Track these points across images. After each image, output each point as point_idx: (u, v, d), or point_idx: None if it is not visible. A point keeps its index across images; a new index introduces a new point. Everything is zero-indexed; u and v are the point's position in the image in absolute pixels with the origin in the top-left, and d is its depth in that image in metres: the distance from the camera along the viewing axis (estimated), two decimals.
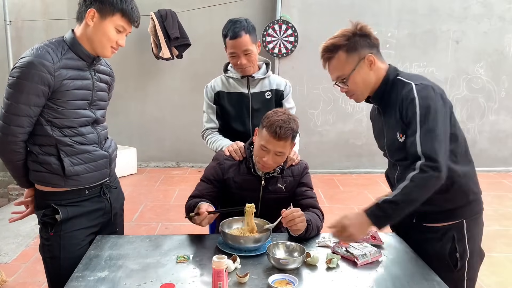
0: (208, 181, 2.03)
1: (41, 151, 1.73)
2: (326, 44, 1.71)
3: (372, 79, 1.71)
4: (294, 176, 2.06)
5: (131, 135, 5.78)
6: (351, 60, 1.68)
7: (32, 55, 1.63)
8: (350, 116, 5.62)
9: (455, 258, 1.71)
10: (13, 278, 3.03)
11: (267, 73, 2.34)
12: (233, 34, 2.15)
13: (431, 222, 1.74)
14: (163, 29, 5.07)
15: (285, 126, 1.84)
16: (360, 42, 1.68)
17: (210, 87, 2.37)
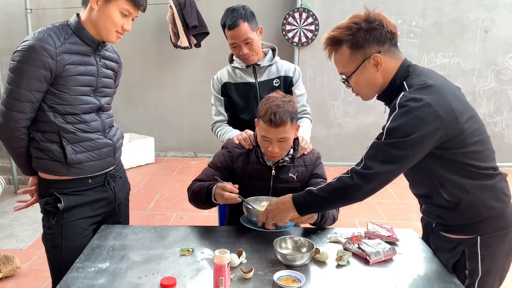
0: (216, 168, 1.97)
1: (43, 138, 1.69)
2: (329, 36, 1.52)
3: (379, 80, 1.51)
4: (306, 166, 1.98)
5: (149, 125, 5.77)
6: (354, 58, 1.48)
7: (33, 38, 1.59)
8: (371, 108, 5.46)
9: (464, 275, 1.52)
10: (27, 264, 3.06)
11: (273, 59, 2.25)
12: (231, 24, 2.07)
13: (444, 232, 1.58)
14: (182, 17, 5.01)
15: (279, 111, 1.75)
16: (366, 37, 1.45)
17: (216, 79, 2.31)
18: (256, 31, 2.15)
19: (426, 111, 1.35)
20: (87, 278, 1.45)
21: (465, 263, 1.51)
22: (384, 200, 4.40)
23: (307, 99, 2.40)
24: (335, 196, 1.52)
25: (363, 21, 1.47)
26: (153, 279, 1.45)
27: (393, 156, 1.41)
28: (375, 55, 1.47)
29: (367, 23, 1.46)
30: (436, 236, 1.64)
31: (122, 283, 1.43)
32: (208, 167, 2.00)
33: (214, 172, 1.95)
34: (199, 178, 1.96)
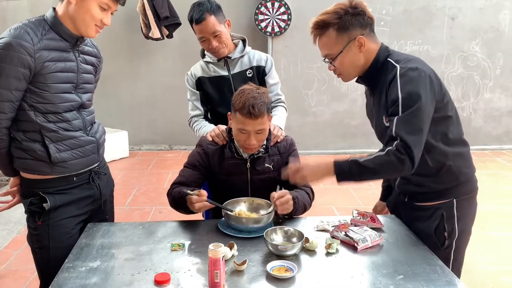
0: (193, 167, 1.95)
1: (25, 137, 1.64)
2: (316, 20, 1.64)
3: (361, 61, 1.66)
4: (281, 154, 2.00)
5: (122, 118, 5.67)
6: (341, 40, 1.62)
7: (10, 35, 1.53)
8: (344, 96, 5.55)
9: (443, 237, 1.69)
10: (4, 266, 2.98)
11: (244, 50, 2.25)
12: (198, 18, 2.06)
13: (422, 202, 1.74)
14: (152, 8, 4.92)
15: (257, 102, 1.76)
16: (352, 21, 1.61)
17: (190, 74, 2.29)
18: (224, 23, 2.14)
19: (423, 76, 1.54)
20: (79, 278, 1.44)
21: (444, 225, 1.69)
22: (359, 186, 4.49)
23: (281, 88, 2.42)
24: (386, 168, 1.57)
25: (349, 7, 1.62)
26: (147, 276, 1.45)
27: (418, 123, 1.52)
28: (359, 36, 1.61)
29: (352, 8, 1.61)
30: (409, 209, 1.79)
31: (115, 281, 1.42)
32: (184, 167, 1.98)
33: (191, 172, 1.94)
34: (178, 181, 1.94)
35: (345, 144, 5.69)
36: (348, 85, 5.51)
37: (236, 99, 1.82)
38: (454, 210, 1.68)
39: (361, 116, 5.61)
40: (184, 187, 1.86)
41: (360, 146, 5.68)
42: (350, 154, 6.01)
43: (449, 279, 1.45)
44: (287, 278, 1.44)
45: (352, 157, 1.63)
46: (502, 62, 5.58)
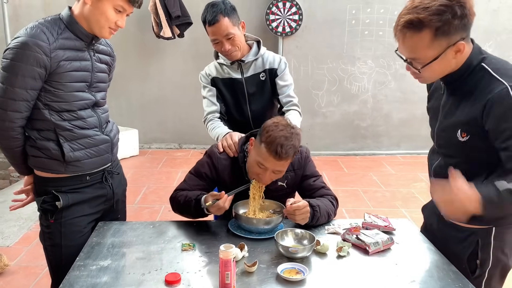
0: (199, 177, 1.90)
1: (39, 136, 1.65)
2: (410, 18, 1.31)
3: (453, 66, 1.40)
4: (295, 170, 1.91)
5: (132, 116, 5.69)
6: (437, 45, 1.33)
7: (26, 35, 1.54)
8: (355, 97, 5.52)
9: (475, 265, 1.54)
10: (15, 262, 3.00)
11: (258, 53, 2.20)
12: (211, 20, 2.00)
13: (458, 221, 1.54)
14: (164, 7, 4.93)
15: (287, 144, 1.65)
16: (456, 25, 1.30)
17: (205, 74, 2.26)
18: (238, 25, 2.09)
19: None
20: (90, 276, 1.44)
21: (477, 252, 1.52)
22: (369, 188, 4.48)
23: None
24: None
25: (457, 5, 1.30)
26: (157, 276, 1.45)
27: None
28: (460, 42, 1.34)
29: (461, 8, 1.30)
30: (443, 224, 1.62)
31: (126, 280, 1.43)
32: (190, 174, 1.93)
33: (197, 181, 1.89)
34: (182, 187, 1.90)
35: (355, 145, 5.66)
36: (359, 86, 5.48)
37: (266, 129, 1.70)
38: (491, 238, 1.50)
39: (372, 117, 5.61)
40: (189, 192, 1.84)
41: (370, 147, 5.65)
42: (360, 155, 6.00)
43: (462, 285, 1.43)
44: (297, 281, 1.43)
45: (496, 183, 1.30)
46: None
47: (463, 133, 1.43)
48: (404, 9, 1.36)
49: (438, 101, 1.57)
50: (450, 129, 1.47)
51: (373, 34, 5.25)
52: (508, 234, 1.51)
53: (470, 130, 1.41)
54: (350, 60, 5.37)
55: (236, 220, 1.79)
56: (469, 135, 1.41)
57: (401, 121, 5.57)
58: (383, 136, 5.64)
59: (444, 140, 1.53)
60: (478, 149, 1.42)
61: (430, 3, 1.30)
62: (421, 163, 5.30)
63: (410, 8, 1.33)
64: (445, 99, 1.52)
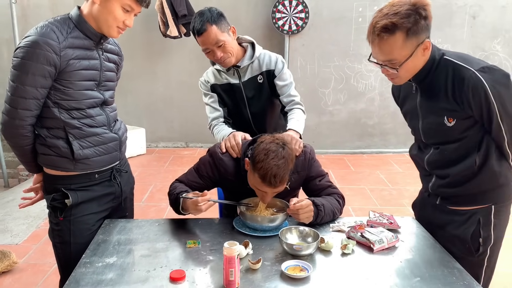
0: (199, 175, 1.91)
1: (49, 134, 1.67)
2: (385, 23, 1.46)
3: (422, 63, 1.56)
4: (299, 172, 1.89)
5: (139, 116, 5.73)
6: (409, 45, 1.48)
7: (36, 34, 1.56)
8: (362, 95, 5.51)
9: (478, 243, 1.63)
10: (24, 259, 3.04)
11: (254, 55, 2.15)
12: (199, 29, 1.97)
13: (457, 205, 1.67)
14: (171, 6, 4.95)
15: (279, 173, 1.63)
16: (422, 25, 1.47)
17: (203, 81, 2.25)
18: (228, 31, 2.04)
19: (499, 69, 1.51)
20: (96, 273, 1.46)
21: (479, 231, 1.62)
22: (376, 186, 4.46)
23: (298, 87, 2.30)
24: None
25: (421, 8, 1.46)
26: (162, 273, 1.46)
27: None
28: (426, 40, 1.50)
29: (424, 10, 1.47)
30: (441, 212, 1.73)
31: (131, 277, 1.44)
32: (192, 170, 1.94)
33: (196, 179, 1.90)
34: (180, 179, 1.92)
35: (362, 143, 5.64)
36: (366, 84, 5.46)
37: (258, 159, 1.65)
38: (491, 216, 1.62)
39: (379, 115, 5.59)
40: (184, 186, 1.86)
41: (377, 145, 5.63)
42: (367, 154, 6.03)
43: (467, 282, 1.42)
44: (301, 278, 1.43)
45: None
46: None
47: (449, 118, 1.56)
48: (375, 17, 1.50)
49: (413, 101, 1.70)
50: (435, 120, 1.60)
51: None
52: (504, 211, 1.65)
53: (455, 115, 1.55)
54: (357, 58, 5.36)
55: (240, 218, 1.79)
56: (455, 119, 1.55)
57: None
58: (390, 134, 5.62)
59: (432, 131, 1.65)
60: (465, 129, 1.56)
61: (398, 9, 1.46)
62: None
63: (381, 16, 1.48)
64: (419, 97, 1.65)
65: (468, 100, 1.49)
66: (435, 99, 1.59)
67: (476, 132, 1.57)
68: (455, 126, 1.56)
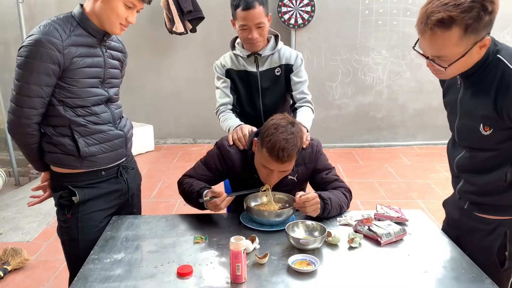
0: (208, 168, 1.93)
1: (55, 132, 1.69)
2: (442, 16, 1.26)
3: (474, 61, 1.38)
4: (306, 164, 1.91)
5: (147, 112, 5.75)
6: (465, 42, 1.29)
7: (39, 32, 1.57)
8: (369, 88, 5.46)
9: (503, 257, 1.50)
10: (35, 256, 3.08)
11: (276, 47, 2.18)
12: (246, 5, 1.97)
13: (484, 213, 1.53)
14: (176, 2, 4.94)
15: (288, 147, 1.63)
16: (485, 21, 1.26)
17: (220, 64, 2.24)
18: (267, 17, 2.07)
19: None
20: (104, 269, 1.47)
21: (506, 244, 1.49)
22: (385, 180, 4.44)
23: None
24: None
25: (488, 1, 1.26)
26: (169, 268, 1.47)
27: None
28: (487, 38, 1.31)
29: (491, 4, 1.26)
30: (468, 217, 1.60)
31: (139, 273, 1.45)
32: (200, 163, 1.96)
33: (205, 172, 1.92)
34: (190, 174, 1.94)
35: (370, 137, 5.61)
36: (374, 77, 5.42)
37: (267, 133, 1.68)
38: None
39: (387, 108, 5.55)
40: (197, 182, 1.87)
41: (385, 139, 5.60)
42: (375, 147, 6.00)
43: (476, 275, 1.41)
44: (308, 272, 1.43)
45: None
46: None
47: (486, 127, 1.41)
48: (431, 5, 1.30)
49: (455, 95, 1.54)
50: (471, 123, 1.45)
51: (387, 24, 5.17)
52: None
53: (492, 124, 1.39)
54: (364, 51, 5.32)
55: (247, 213, 1.80)
56: (492, 129, 1.40)
57: (417, 112, 5.50)
58: (399, 127, 5.58)
59: (466, 134, 1.51)
60: (501, 140, 1.41)
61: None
62: (438, 154, 5.28)
63: (439, 5, 1.28)
64: (462, 93, 1.49)
65: (507, 111, 1.33)
66: (476, 101, 1.43)
67: (511, 146, 1.41)
68: (491, 136, 1.41)
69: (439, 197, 3.94)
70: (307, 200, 1.68)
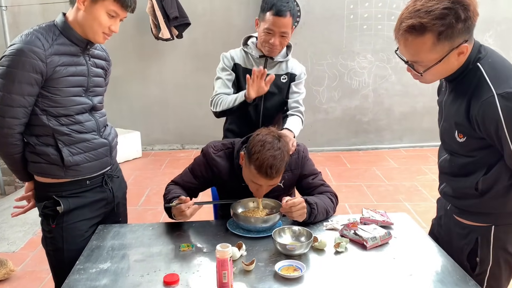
0: (194, 176, 1.93)
1: (38, 141, 1.67)
2: (413, 22, 1.27)
3: (454, 67, 1.37)
4: (293, 170, 1.92)
5: (134, 119, 5.72)
6: (440, 49, 1.30)
7: (21, 41, 1.55)
8: (356, 92, 5.51)
9: (475, 262, 1.52)
10: (21, 267, 3.03)
11: (287, 56, 2.21)
12: (278, 12, 1.97)
13: (460, 216, 1.55)
14: (162, 8, 4.94)
15: (276, 163, 1.64)
16: (459, 28, 1.26)
17: (229, 56, 2.21)
18: (292, 28, 2.09)
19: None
20: (89, 280, 1.46)
21: (477, 250, 1.50)
22: (372, 182, 4.47)
23: None
24: None
25: (461, 8, 1.25)
26: (156, 277, 1.46)
27: None
28: (463, 45, 1.30)
29: (465, 11, 1.25)
30: (449, 220, 1.62)
31: (125, 283, 1.44)
32: (187, 170, 1.95)
33: (191, 179, 1.92)
34: (176, 181, 1.94)
35: (357, 140, 5.65)
36: (360, 81, 5.47)
37: (254, 151, 1.67)
38: (491, 236, 1.47)
39: (373, 111, 5.60)
40: (178, 188, 1.87)
41: (372, 142, 5.64)
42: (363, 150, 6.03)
43: (460, 277, 1.43)
44: (295, 278, 1.44)
45: None
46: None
47: (460, 134, 1.43)
48: (406, 11, 1.32)
49: (442, 96, 1.56)
50: (449, 128, 1.48)
51: (372, 28, 5.23)
52: (507, 231, 1.48)
53: (465, 132, 1.41)
54: (349, 55, 5.37)
55: (234, 220, 1.80)
56: (465, 137, 1.42)
57: (402, 115, 5.56)
58: (385, 130, 5.63)
59: (447, 137, 1.53)
60: (476, 148, 1.43)
61: (433, 6, 1.26)
62: (424, 156, 5.34)
63: (412, 12, 1.29)
64: (446, 96, 1.51)
65: (478, 124, 1.34)
66: (454, 107, 1.44)
67: (486, 154, 1.41)
68: (465, 143, 1.42)
69: (426, 199, 3.99)
70: (293, 205, 1.69)
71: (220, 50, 2.27)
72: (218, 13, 5.33)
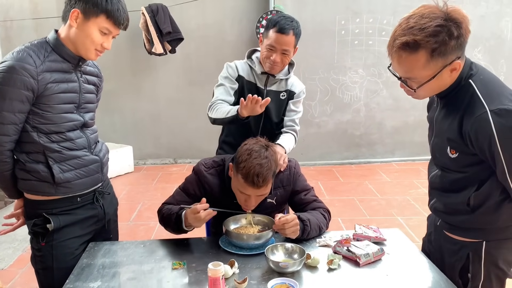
0: (187, 194, 1.90)
1: (28, 158, 1.66)
2: (406, 40, 1.29)
3: (447, 84, 1.40)
4: (285, 187, 1.91)
5: (126, 133, 5.70)
6: (433, 65, 1.32)
7: (12, 59, 1.55)
8: (347, 106, 5.55)
9: (466, 278, 1.53)
10: (9, 284, 2.98)
11: (288, 74, 2.22)
12: (282, 29, 2.00)
13: (451, 232, 1.56)
14: (155, 24, 4.97)
15: (262, 172, 1.64)
16: (452, 45, 1.29)
17: (234, 66, 2.21)
18: (294, 48, 2.11)
19: None
20: None
21: (468, 266, 1.51)
22: (365, 197, 4.48)
23: None
24: None
25: (454, 26, 1.28)
26: None
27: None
28: (456, 62, 1.33)
29: (457, 28, 1.28)
30: (440, 236, 1.62)
31: None
32: (179, 190, 1.93)
33: (184, 198, 1.89)
34: (169, 201, 1.91)
35: (350, 154, 5.67)
36: (351, 95, 5.51)
37: (240, 159, 1.68)
38: (482, 252, 1.48)
39: (365, 126, 5.64)
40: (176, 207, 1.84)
41: (364, 155, 5.67)
42: (355, 164, 6.04)
43: None
44: None
45: None
46: (505, 69, 5.55)
47: (452, 150, 1.44)
48: (399, 28, 1.34)
49: (433, 112, 1.58)
50: (441, 144, 1.49)
51: (363, 44, 5.30)
52: (502, 249, 1.49)
53: (458, 148, 1.43)
54: (341, 70, 5.42)
55: (226, 237, 1.79)
56: (458, 153, 1.43)
57: (394, 129, 5.60)
58: (377, 144, 5.66)
59: (439, 153, 1.54)
60: (468, 164, 1.44)
61: (426, 23, 1.28)
62: (416, 170, 5.37)
63: (405, 29, 1.31)
64: (438, 112, 1.53)
65: (470, 140, 1.36)
66: (446, 123, 1.46)
67: (478, 170, 1.42)
68: (458, 159, 1.44)
69: (418, 213, 3.99)
70: (286, 222, 1.68)
71: (212, 65, 2.29)
72: (211, 28, 5.37)
